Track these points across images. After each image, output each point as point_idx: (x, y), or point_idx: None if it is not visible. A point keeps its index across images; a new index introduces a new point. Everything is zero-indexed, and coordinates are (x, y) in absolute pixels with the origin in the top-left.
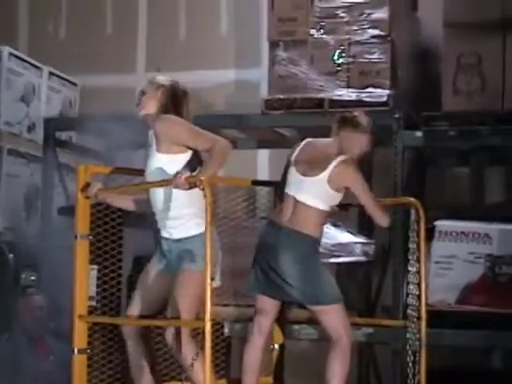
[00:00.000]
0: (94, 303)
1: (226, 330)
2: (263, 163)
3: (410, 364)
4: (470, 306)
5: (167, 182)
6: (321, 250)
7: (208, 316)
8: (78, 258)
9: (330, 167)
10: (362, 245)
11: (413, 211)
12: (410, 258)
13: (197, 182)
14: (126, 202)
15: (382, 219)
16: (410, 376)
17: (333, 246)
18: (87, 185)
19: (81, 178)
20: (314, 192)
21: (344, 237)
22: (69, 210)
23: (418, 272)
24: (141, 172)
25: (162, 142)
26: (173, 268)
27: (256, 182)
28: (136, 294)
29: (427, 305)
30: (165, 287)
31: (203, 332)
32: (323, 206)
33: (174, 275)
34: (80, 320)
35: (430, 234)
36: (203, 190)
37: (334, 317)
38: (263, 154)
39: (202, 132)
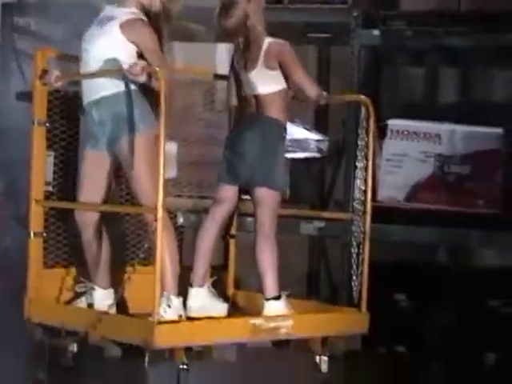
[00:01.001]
0: (50, 188)
1: (181, 220)
2: (222, 57)
3: (355, 255)
4: (419, 204)
5: (121, 70)
6: None
7: (160, 203)
8: (34, 144)
9: (261, 53)
10: (317, 141)
11: (363, 109)
12: (358, 154)
13: (153, 72)
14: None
15: (311, 89)
16: (354, 267)
17: (288, 141)
18: (45, 72)
19: (38, 62)
20: (262, 81)
21: (299, 133)
22: (27, 96)
23: (366, 168)
24: None
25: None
26: (111, 143)
27: (217, 76)
28: (79, 183)
29: (377, 201)
30: (107, 171)
31: (156, 219)
32: (278, 87)
33: (112, 151)
34: (36, 204)
35: (383, 132)
36: (159, 80)
37: (270, 205)
38: (222, 48)
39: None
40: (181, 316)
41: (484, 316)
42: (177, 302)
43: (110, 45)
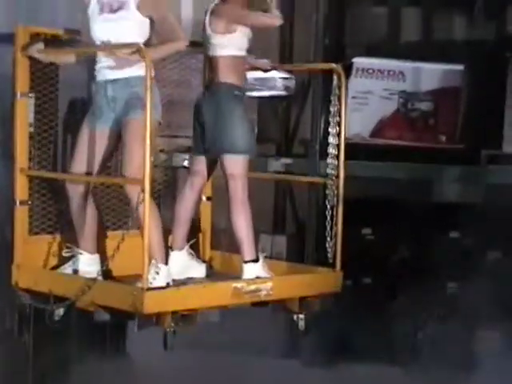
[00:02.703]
0: (31, 129)
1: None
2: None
3: (329, 218)
4: (383, 140)
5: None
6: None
7: (147, 174)
8: (18, 116)
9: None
10: (284, 79)
11: (335, 77)
12: (330, 120)
13: (139, 52)
14: (67, 57)
15: (273, 20)
16: (328, 229)
17: (255, 80)
18: (27, 44)
19: (19, 38)
20: (215, 43)
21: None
22: (6, 38)
23: (339, 134)
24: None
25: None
26: (117, 120)
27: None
28: (76, 153)
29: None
30: (105, 146)
31: (142, 190)
32: (236, 51)
33: (116, 129)
34: (21, 173)
35: (348, 70)
36: (144, 59)
37: (238, 171)
38: None
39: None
40: (168, 283)
41: (445, 247)
42: (165, 269)
43: (126, 29)
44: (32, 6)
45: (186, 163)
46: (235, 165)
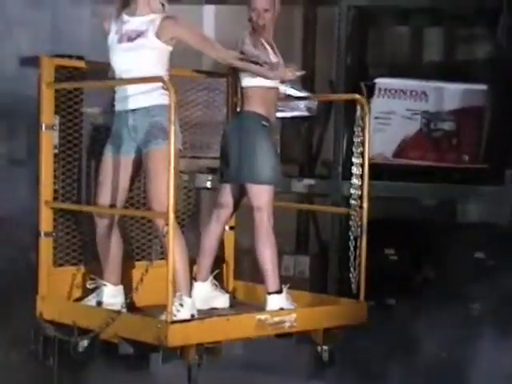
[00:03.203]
0: (56, 151)
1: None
2: (209, 19)
3: (352, 248)
4: (406, 160)
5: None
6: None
7: (171, 208)
8: (43, 148)
9: None
10: (306, 100)
11: (358, 107)
12: (354, 150)
13: (163, 82)
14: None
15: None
16: (351, 259)
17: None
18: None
19: (44, 70)
20: (244, 74)
21: (288, 92)
22: (31, 61)
23: (362, 164)
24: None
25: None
26: (138, 149)
27: (208, 73)
28: (100, 184)
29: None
30: (128, 175)
31: (167, 224)
32: (265, 82)
33: (138, 157)
34: (46, 205)
35: (370, 90)
36: (167, 89)
37: (263, 200)
38: (209, 10)
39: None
40: (193, 315)
41: (469, 267)
42: (189, 301)
43: (145, 57)
44: (55, 32)
45: (208, 184)
46: (260, 196)
